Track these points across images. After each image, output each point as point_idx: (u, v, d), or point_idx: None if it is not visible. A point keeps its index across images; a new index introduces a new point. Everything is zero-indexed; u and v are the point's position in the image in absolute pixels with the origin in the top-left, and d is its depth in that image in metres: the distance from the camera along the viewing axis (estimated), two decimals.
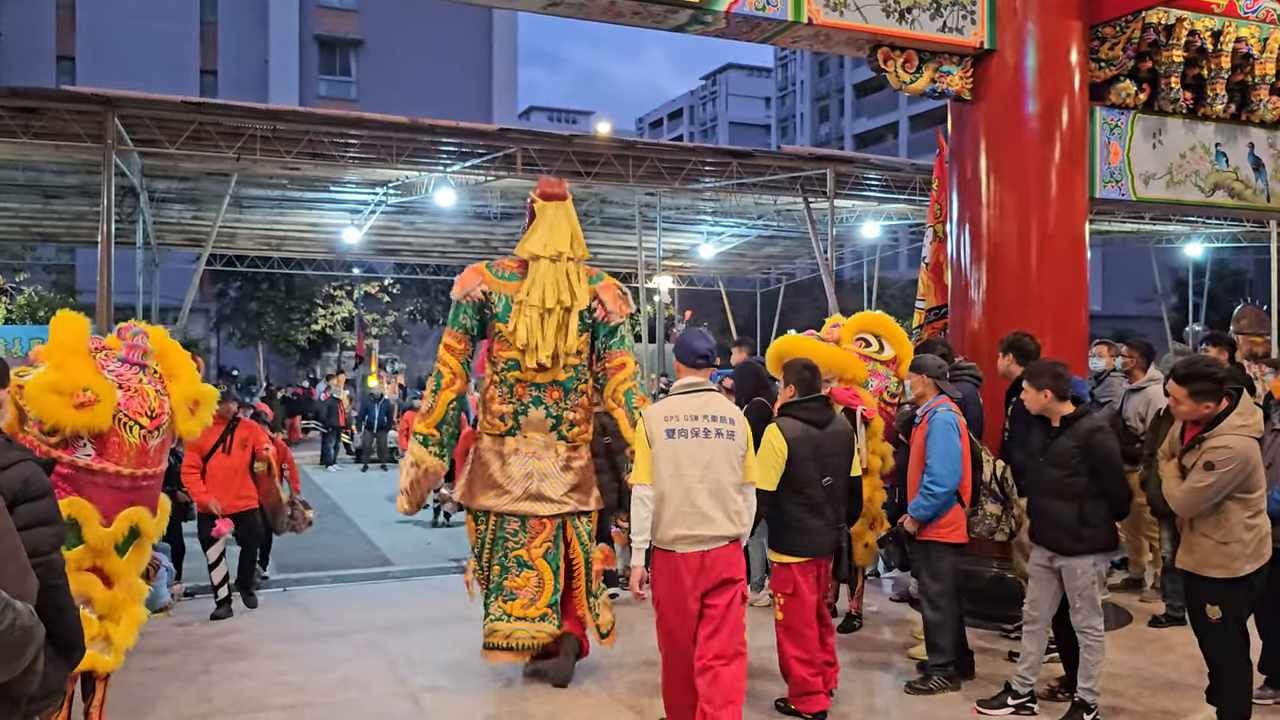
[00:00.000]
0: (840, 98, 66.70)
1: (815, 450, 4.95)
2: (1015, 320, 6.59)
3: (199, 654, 6.30)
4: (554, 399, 5.42)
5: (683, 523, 4.24)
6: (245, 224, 20.15)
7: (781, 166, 15.78)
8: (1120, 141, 7.42)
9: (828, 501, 5.00)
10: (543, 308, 5.29)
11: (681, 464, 4.25)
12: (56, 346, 4.42)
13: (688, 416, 4.31)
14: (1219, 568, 4.43)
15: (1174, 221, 20.25)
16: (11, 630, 1.82)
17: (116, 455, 4.38)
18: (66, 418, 4.19)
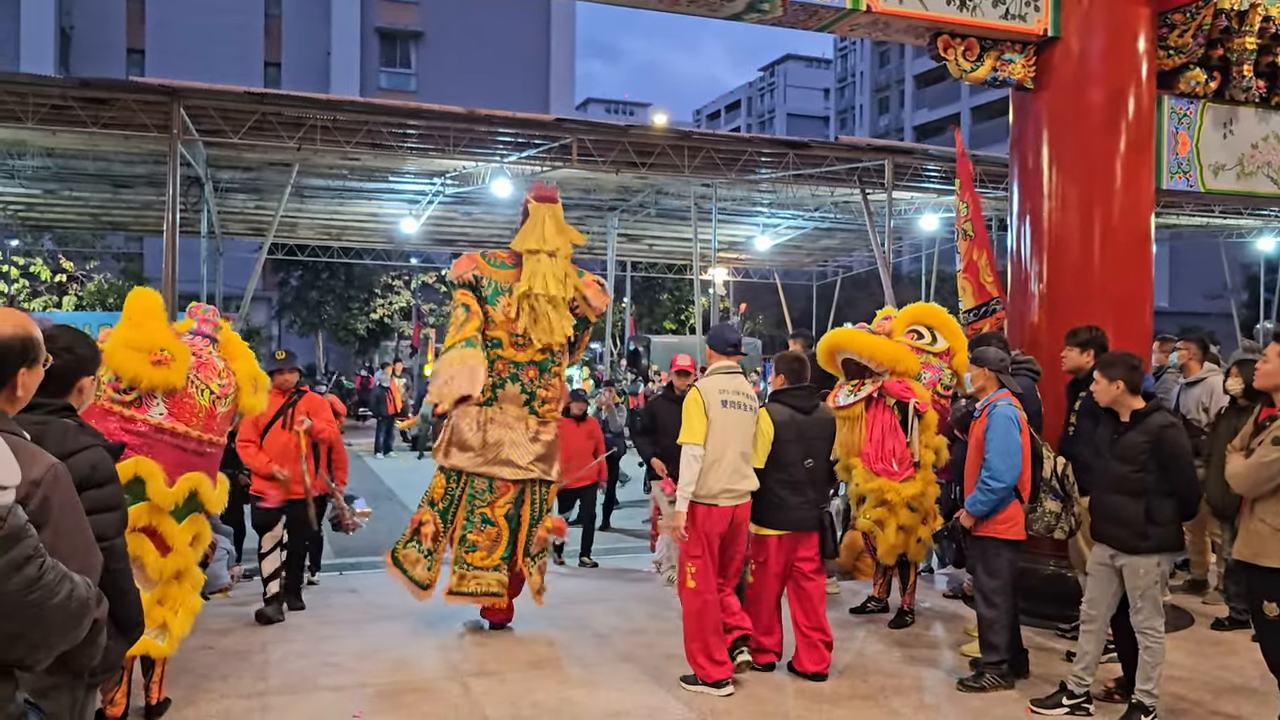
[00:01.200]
0: (900, 89, 65.84)
1: (799, 434, 5.44)
2: (1077, 315, 6.45)
3: (256, 635, 6.42)
4: (530, 377, 6.16)
5: (727, 479, 5.18)
6: (306, 214, 20.49)
7: (839, 158, 15.61)
8: (1189, 131, 7.21)
9: (809, 482, 5.47)
10: (548, 295, 6.02)
11: (729, 431, 5.18)
12: (134, 310, 4.62)
13: (734, 391, 5.27)
14: (1276, 556, 4.26)
15: (1245, 215, 19.67)
16: (69, 601, 1.87)
17: (187, 416, 4.56)
18: (144, 373, 4.36)
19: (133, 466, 4.24)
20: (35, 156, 14.66)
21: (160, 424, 4.44)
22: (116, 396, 4.42)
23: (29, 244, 26.60)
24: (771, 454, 5.36)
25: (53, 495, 2.16)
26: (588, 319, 6.38)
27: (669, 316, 37.40)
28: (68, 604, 1.88)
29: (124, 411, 4.37)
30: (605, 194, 18.78)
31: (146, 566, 4.41)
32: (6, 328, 2.36)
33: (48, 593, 1.83)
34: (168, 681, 4.96)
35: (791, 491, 5.40)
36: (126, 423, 4.40)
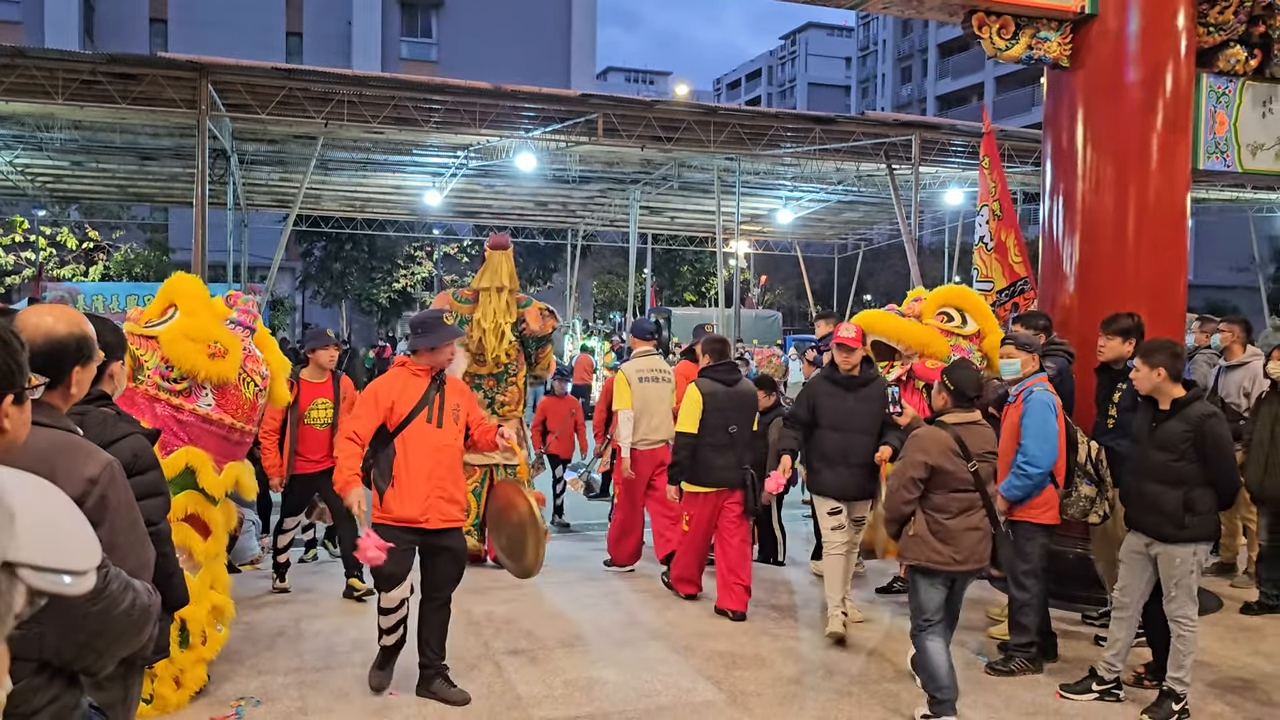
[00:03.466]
0: (923, 58, 65.02)
1: (723, 404, 6.31)
2: (1109, 296, 6.41)
3: (288, 609, 6.52)
4: (489, 386, 7.44)
5: (645, 431, 7.20)
6: (330, 186, 20.54)
7: (865, 132, 15.48)
8: (1227, 110, 7.11)
9: (732, 446, 6.32)
10: (495, 325, 7.33)
11: (648, 399, 7.21)
12: (186, 297, 4.68)
13: (650, 369, 7.33)
14: None
15: (1278, 190, 19.41)
16: (132, 609, 1.89)
17: (233, 408, 4.67)
18: (201, 365, 4.45)
19: (184, 457, 4.33)
20: (63, 129, 14.73)
21: (208, 414, 4.54)
22: (166, 385, 4.48)
23: (56, 214, 26.78)
24: (701, 421, 6.25)
25: (110, 493, 2.19)
26: (544, 337, 7.65)
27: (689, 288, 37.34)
28: (131, 612, 1.90)
29: (172, 400, 4.45)
30: (628, 167, 18.71)
31: (194, 552, 4.51)
32: (61, 327, 2.39)
33: (112, 603, 1.84)
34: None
35: (717, 454, 6.29)
36: (175, 411, 4.48)
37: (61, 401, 2.41)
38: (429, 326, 4.83)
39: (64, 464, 2.15)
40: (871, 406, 5.87)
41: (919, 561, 4.69)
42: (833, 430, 5.88)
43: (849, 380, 5.92)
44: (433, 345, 4.75)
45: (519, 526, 4.99)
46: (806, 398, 6.08)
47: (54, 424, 2.28)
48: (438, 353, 4.77)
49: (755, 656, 5.64)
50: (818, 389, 6.02)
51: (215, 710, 4.77)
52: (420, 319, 4.93)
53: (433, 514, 4.70)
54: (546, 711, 4.85)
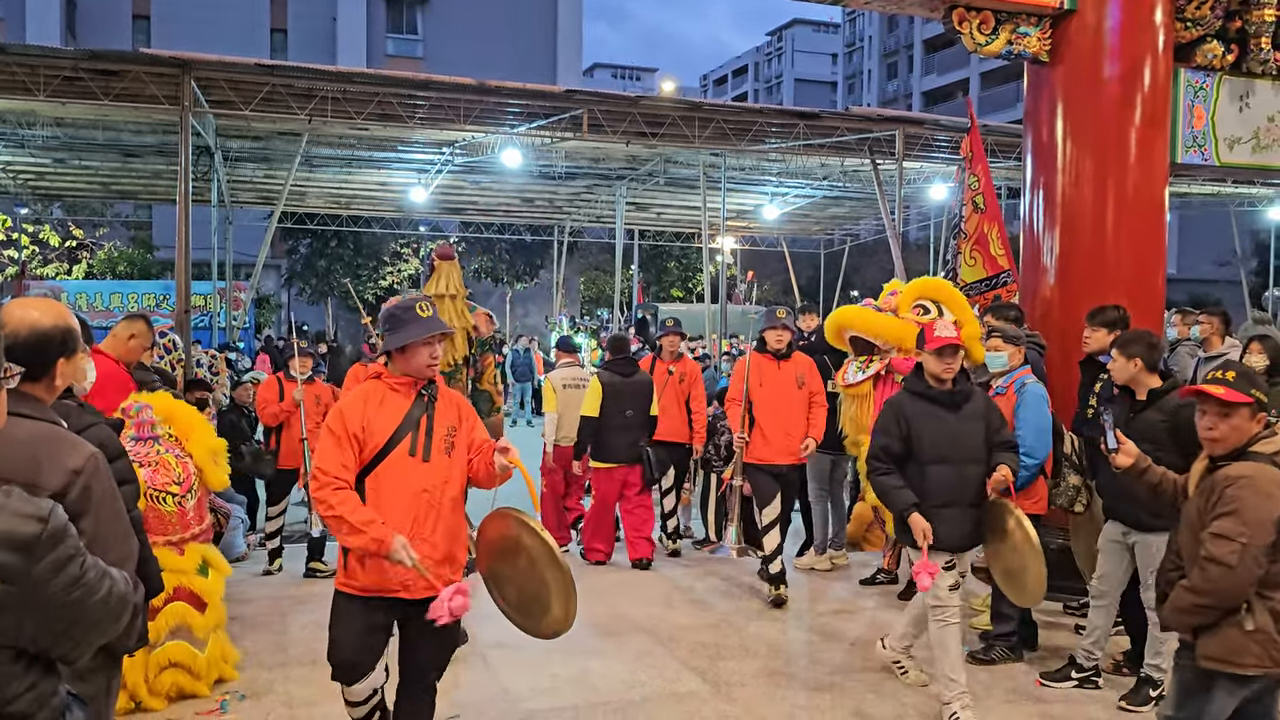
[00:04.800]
0: (909, 54, 65.18)
1: (621, 392, 7.38)
2: (1089, 288, 6.47)
3: (275, 604, 6.54)
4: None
5: (569, 431, 7.69)
6: (315, 183, 20.49)
7: (849, 128, 15.53)
8: (1205, 105, 7.18)
9: (629, 428, 7.36)
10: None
11: (570, 404, 7.75)
12: None
13: (572, 379, 8.02)
14: None
15: (1258, 185, 19.55)
16: (109, 598, 1.90)
17: (160, 528, 4.70)
18: (210, 472, 4.61)
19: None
20: (45, 126, 14.64)
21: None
22: None
23: (38, 212, 26.62)
24: (602, 408, 7.33)
25: (94, 484, 2.20)
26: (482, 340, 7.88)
27: (676, 285, 37.38)
28: (108, 600, 1.91)
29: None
30: (614, 163, 18.72)
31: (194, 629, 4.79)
32: (46, 320, 2.41)
33: (89, 591, 1.85)
34: None
35: (617, 435, 7.34)
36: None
37: (45, 393, 2.43)
38: (395, 321, 3.55)
39: (47, 455, 2.17)
40: (978, 427, 4.68)
41: (1249, 668, 3.21)
42: (939, 463, 4.62)
43: (950, 397, 4.67)
44: (401, 345, 3.50)
45: (532, 571, 3.53)
46: (895, 423, 4.68)
47: (37, 415, 2.29)
48: (410, 357, 3.51)
49: (740, 647, 5.69)
50: (908, 410, 4.69)
51: (200, 705, 4.79)
52: (387, 312, 3.68)
53: (415, 579, 3.45)
54: (535, 704, 4.88)
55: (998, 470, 4.59)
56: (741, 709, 4.83)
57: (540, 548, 3.47)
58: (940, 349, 4.61)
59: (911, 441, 4.64)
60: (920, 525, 4.48)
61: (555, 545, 3.46)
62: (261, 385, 7.96)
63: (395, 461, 3.46)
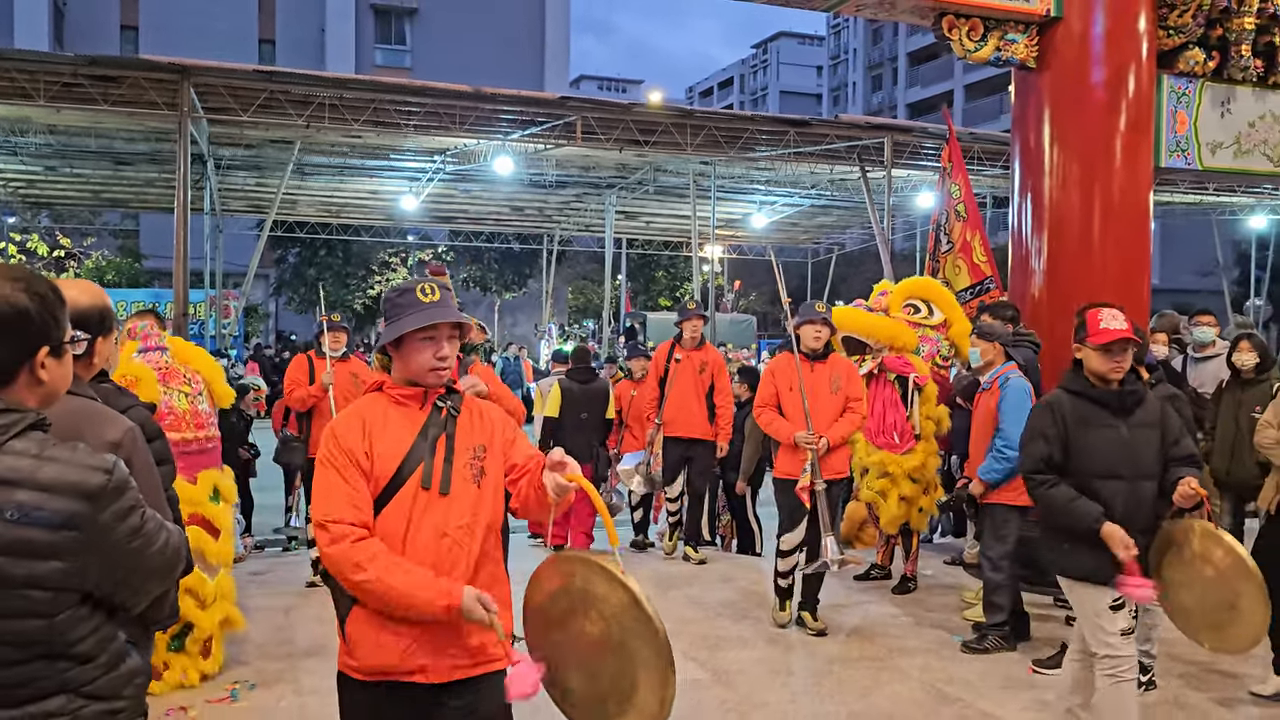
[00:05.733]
0: (894, 66, 65.72)
1: (578, 398, 7.83)
2: (1077, 291, 6.61)
3: (279, 599, 6.61)
4: None
5: None
6: (306, 191, 20.57)
7: (838, 135, 15.74)
8: (1187, 110, 7.37)
9: (583, 429, 7.73)
10: None
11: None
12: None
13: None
14: None
15: (1238, 193, 19.86)
16: (165, 548, 2.01)
17: (177, 423, 4.80)
18: None
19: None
20: (38, 133, 14.70)
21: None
22: None
23: (26, 221, 26.58)
24: (561, 409, 7.83)
25: (133, 457, 2.30)
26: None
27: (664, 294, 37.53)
28: (164, 551, 2.02)
29: None
30: (604, 171, 18.88)
31: (207, 554, 4.76)
32: (84, 298, 2.52)
33: (148, 541, 1.96)
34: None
35: (573, 435, 7.56)
36: None
37: (84, 371, 2.53)
38: (392, 308, 2.64)
39: (88, 428, 2.27)
40: (1151, 436, 3.87)
41: None
42: (1106, 479, 3.79)
43: (1119, 399, 3.85)
44: (395, 339, 2.58)
45: (606, 641, 2.38)
46: (1054, 427, 3.86)
47: (78, 391, 2.40)
48: (409, 356, 2.58)
49: (738, 639, 5.80)
50: (1068, 412, 3.85)
51: (211, 694, 4.87)
52: (385, 297, 2.73)
53: (437, 659, 2.54)
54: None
55: (1183, 483, 3.71)
56: (742, 696, 4.94)
57: (621, 602, 2.30)
58: (1109, 344, 3.75)
59: (1071, 452, 3.81)
60: (1118, 534, 3.64)
61: (643, 596, 2.27)
62: (290, 365, 7.33)
63: (406, 499, 2.49)
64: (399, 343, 2.58)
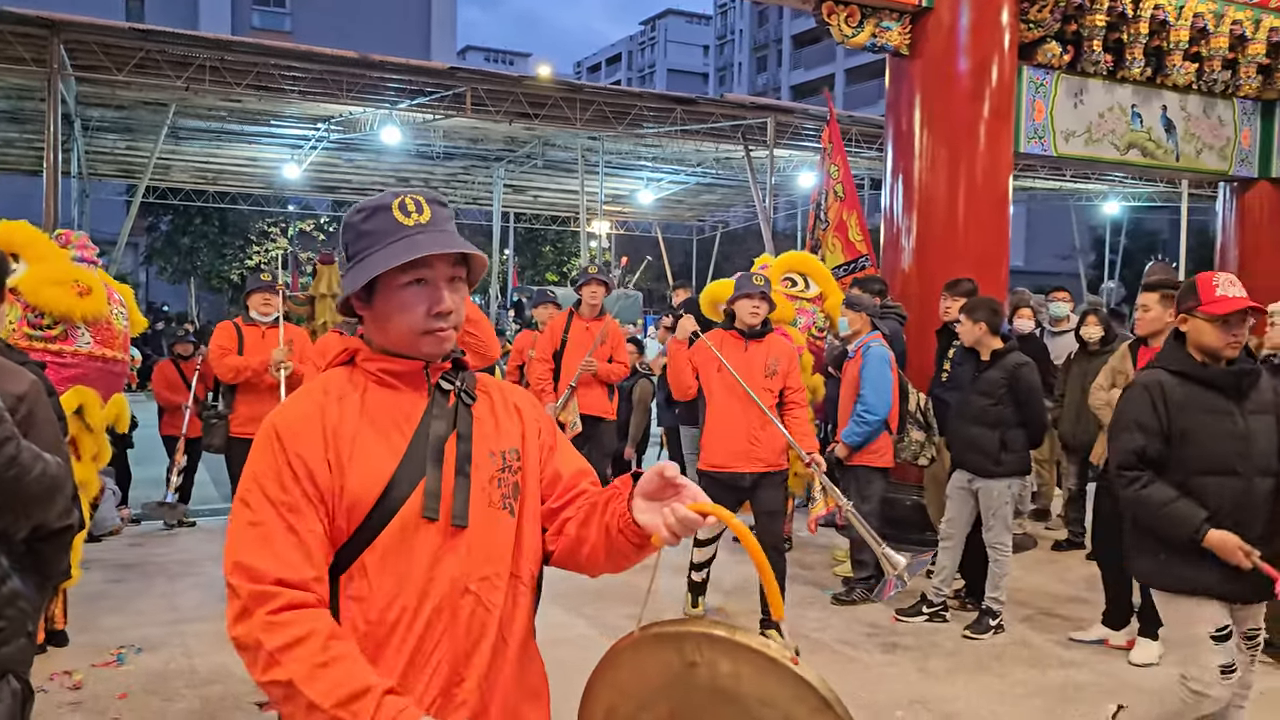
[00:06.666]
0: (779, 48, 66.82)
1: None
2: (943, 266, 7.05)
3: (160, 566, 6.60)
4: None
5: None
6: (181, 156, 19.86)
7: (724, 114, 16.07)
8: (1045, 100, 7.88)
9: None
10: (327, 327, 7.96)
11: None
12: (29, 245, 4.63)
13: None
14: None
15: (1093, 180, 21.05)
16: (43, 476, 2.14)
17: (110, 340, 4.70)
18: (75, 306, 4.46)
19: (75, 397, 4.36)
20: None
21: (91, 352, 4.55)
22: (38, 333, 4.47)
23: None
24: None
25: (35, 410, 2.39)
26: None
27: (551, 268, 37.53)
28: (42, 479, 2.16)
29: (49, 347, 4.43)
30: (492, 144, 18.82)
31: (89, 490, 4.61)
32: None
33: (24, 469, 2.10)
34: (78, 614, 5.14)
35: None
36: (56, 356, 4.49)
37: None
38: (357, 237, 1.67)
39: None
40: (1268, 424, 3.31)
41: None
42: (1218, 474, 3.23)
43: (1233, 380, 3.29)
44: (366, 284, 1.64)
45: None
46: (1154, 415, 3.28)
47: None
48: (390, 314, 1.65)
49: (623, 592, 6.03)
50: (1171, 395, 3.28)
51: (96, 658, 4.86)
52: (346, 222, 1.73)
53: None
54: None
55: None
56: None
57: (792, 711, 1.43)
58: (1228, 315, 3.19)
59: (1174, 442, 3.26)
60: (1230, 540, 3.11)
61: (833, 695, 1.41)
62: (215, 333, 6.27)
63: (399, 534, 1.59)
64: (371, 291, 1.63)
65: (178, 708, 4.31)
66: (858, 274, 8.15)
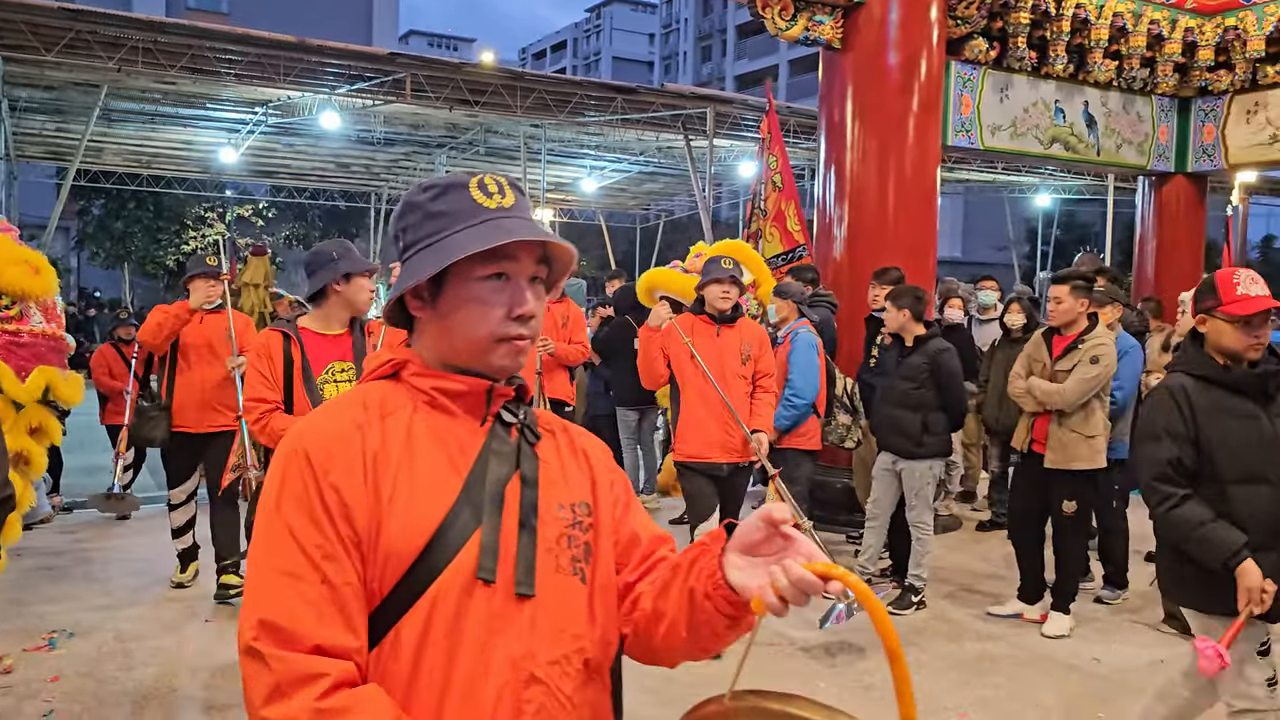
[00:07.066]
0: (723, 38, 67.11)
1: None
2: (873, 256, 7.25)
3: (92, 555, 6.55)
4: None
5: None
6: (113, 138, 19.44)
7: (664, 104, 16.17)
8: (971, 94, 8.11)
9: None
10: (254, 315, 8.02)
11: None
12: None
13: None
14: (1085, 460, 5.20)
15: (1024, 172, 21.55)
16: None
17: (56, 317, 4.68)
18: (32, 285, 4.42)
19: (41, 377, 4.35)
20: None
21: (45, 330, 4.52)
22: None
23: None
24: None
25: None
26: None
27: None
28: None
29: (5, 327, 4.39)
30: (434, 131, 18.71)
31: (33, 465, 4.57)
32: None
33: None
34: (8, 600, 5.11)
35: None
36: (13, 336, 4.44)
37: None
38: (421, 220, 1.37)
39: None
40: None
41: None
42: (1248, 483, 3.07)
43: (1258, 383, 3.13)
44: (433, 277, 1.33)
45: None
46: (1181, 421, 3.10)
47: None
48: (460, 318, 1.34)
49: None
50: (1196, 400, 3.11)
51: (27, 642, 4.85)
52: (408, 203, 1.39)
53: None
54: None
55: None
56: None
57: None
58: (1249, 316, 3.04)
59: (1202, 449, 3.08)
60: (1255, 579, 2.93)
61: None
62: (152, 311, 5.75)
63: (445, 600, 1.26)
64: (438, 286, 1.34)
65: (111, 690, 4.33)
66: (795, 263, 8.33)
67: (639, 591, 1.42)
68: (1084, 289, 5.32)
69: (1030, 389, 5.37)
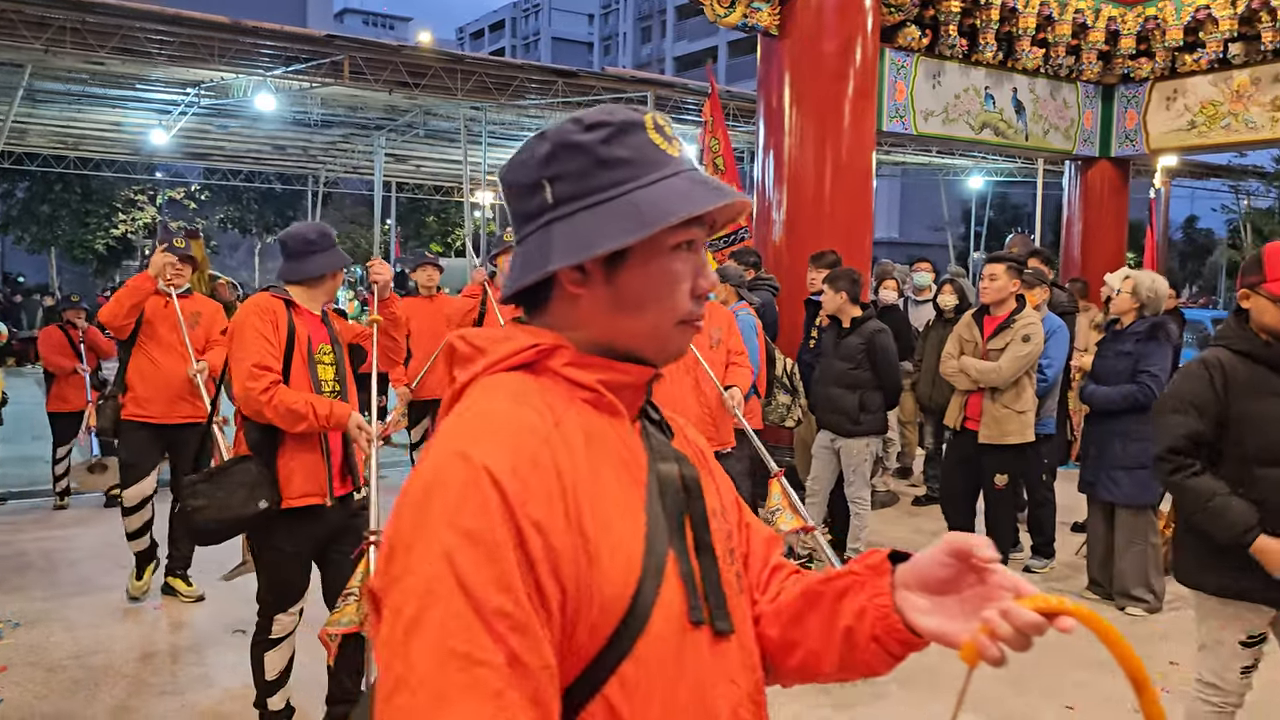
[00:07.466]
0: (663, 19, 67.04)
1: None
2: (811, 239, 7.42)
3: (38, 545, 6.50)
4: None
5: None
6: (38, 119, 18.88)
7: (605, 87, 16.20)
8: (905, 81, 8.32)
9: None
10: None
11: None
12: None
13: None
14: (1017, 434, 5.45)
15: (958, 156, 21.97)
16: None
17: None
18: None
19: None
20: None
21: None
22: None
23: None
24: None
25: None
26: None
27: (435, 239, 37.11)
28: None
29: None
30: (372, 113, 18.50)
31: None
32: None
33: None
34: None
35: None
36: None
37: None
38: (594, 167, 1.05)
39: None
40: None
41: None
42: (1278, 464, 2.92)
43: None
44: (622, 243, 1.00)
45: None
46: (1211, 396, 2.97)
47: None
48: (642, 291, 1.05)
49: None
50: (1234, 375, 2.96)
51: None
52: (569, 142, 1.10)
53: None
54: None
55: None
56: None
57: None
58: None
59: (1231, 427, 2.95)
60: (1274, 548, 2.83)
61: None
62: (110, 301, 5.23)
63: (657, 650, 0.98)
64: (618, 256, 1.04)
65: (60, 678, 4.35)
66: (736, 246, 8.48)
67: (759, 610, 1.19)
68: (1016, 270, 5.55)
69: (964, 368, 5.59)
